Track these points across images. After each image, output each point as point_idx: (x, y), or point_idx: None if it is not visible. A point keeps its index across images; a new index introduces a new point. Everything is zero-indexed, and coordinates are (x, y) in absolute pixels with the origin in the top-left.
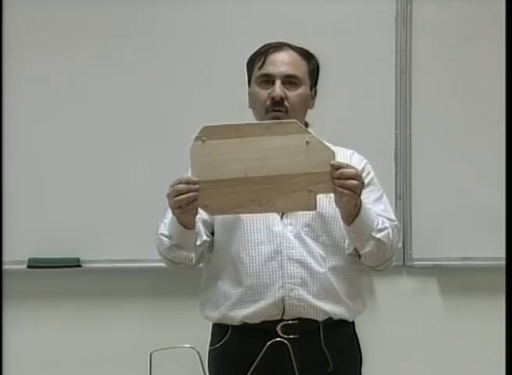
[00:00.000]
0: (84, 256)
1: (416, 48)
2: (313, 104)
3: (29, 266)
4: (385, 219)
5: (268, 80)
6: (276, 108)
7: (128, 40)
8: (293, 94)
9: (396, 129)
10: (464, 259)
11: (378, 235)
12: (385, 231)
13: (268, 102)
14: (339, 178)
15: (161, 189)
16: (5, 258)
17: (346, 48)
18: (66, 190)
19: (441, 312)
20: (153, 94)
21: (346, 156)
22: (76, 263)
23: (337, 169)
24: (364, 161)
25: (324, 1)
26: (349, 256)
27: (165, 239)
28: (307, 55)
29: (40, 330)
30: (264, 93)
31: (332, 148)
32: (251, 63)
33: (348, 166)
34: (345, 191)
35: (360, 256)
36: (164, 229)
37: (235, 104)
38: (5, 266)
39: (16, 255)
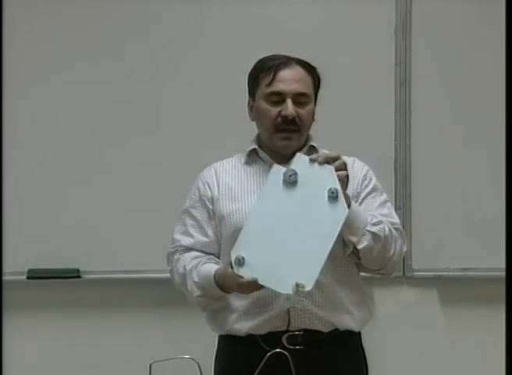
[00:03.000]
0: (84, 267)
1: (416, 60)
2: (313, 117)
3: (28, 277)
4: (381, 218)
5: (279, 98)
6: (288, 127)
7: (131, 48)
8: (303, 112)
9: (395, 139)
10: (464, 270)
11: (374, 229)
12: (380, 225)
13: (279, 120)
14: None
15: (163, 199)
16: (4, 269)
17: (346, 59)
18: (66, 199)
19: (441, 323)
20: (158, 102)
21: (348, 163)
22: (75, 274)
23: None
24: (366, 167)
25: (323, 12)
26: (352, 260)
27: (197, 290)
28: (310, 69)
29: (39, 341)
30: (274, 110)
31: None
32: (256, 77)
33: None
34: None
35: (359, 256)
36: (196, 276)
37: (237, 116)
38: (4, 277)
39: (16, 265)
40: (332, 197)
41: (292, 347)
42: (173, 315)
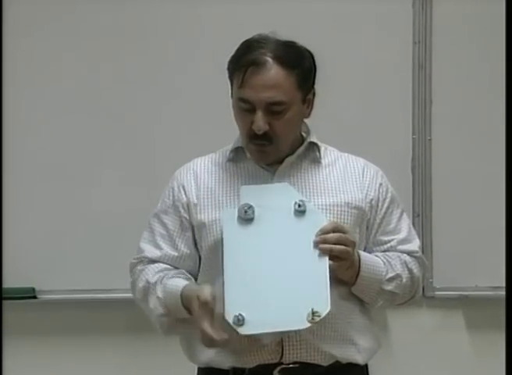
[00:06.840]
0: (40, 286)
1: (437, 38)
2: (309, 113)
3: None
4: (399, 264)
5: (249, 106)
6: (260, 142)
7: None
8: (279, 123)
9: (413, 134)
10: (494, 289)
11: (390, 287)
12: (397, 280)
13: (252, 132)
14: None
15: (128, 210)
16: None
17: (356, 39)
18: (20, 209)
19: (468, 351)
20: (125, 107)
21: (358, 170)
22: (30, 294)
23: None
24: (379, 174)
25: None
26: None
27: (160, 308)
28: (294, 62)
29: None
30: (246, 119)
31: (341, 154)
32: (230, 70)
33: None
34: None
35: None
36: (160, 291)
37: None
38: None
39: None
40: (300, 210)
41: None
42: (145, 342)
